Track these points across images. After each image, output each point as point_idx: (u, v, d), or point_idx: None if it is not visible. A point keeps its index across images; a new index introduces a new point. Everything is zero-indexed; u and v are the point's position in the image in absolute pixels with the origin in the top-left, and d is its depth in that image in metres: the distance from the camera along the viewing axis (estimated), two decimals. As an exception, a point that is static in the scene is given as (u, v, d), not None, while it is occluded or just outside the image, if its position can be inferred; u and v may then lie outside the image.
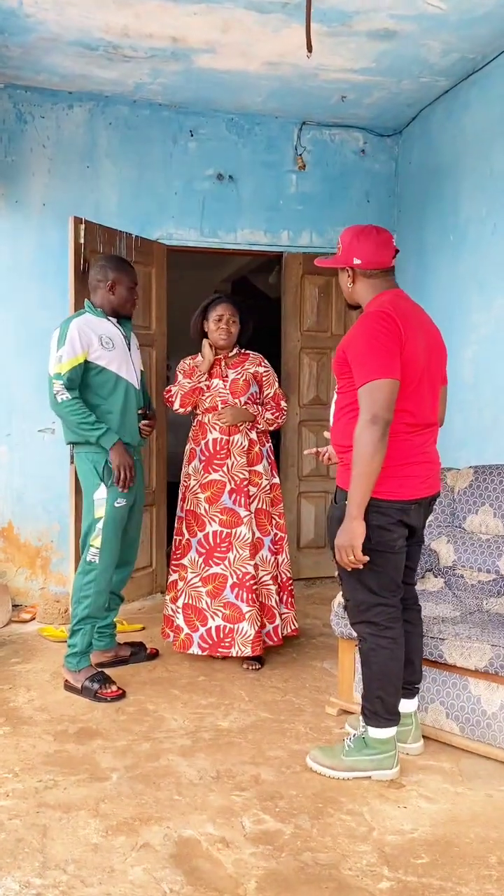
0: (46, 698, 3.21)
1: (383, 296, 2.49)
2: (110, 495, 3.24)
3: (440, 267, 4.51)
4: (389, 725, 2.54)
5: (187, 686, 3.34)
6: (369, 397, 2.33)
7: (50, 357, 3.23)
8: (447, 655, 2.71)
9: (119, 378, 3.30)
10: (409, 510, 2.48)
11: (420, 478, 2.49)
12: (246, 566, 3.49)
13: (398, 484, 2.44)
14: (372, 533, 2.43)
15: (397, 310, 2.42)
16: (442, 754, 2.72)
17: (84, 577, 3.23)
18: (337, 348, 2.53)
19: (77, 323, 3.22)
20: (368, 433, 2.30)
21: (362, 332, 2.39)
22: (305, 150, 4.92)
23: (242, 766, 2.63)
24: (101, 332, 3.27)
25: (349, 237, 2.53)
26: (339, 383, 2.56)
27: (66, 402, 3.15)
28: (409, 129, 4.94)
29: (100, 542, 3.23)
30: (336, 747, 2.61)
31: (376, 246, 2.50)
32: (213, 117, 4.75)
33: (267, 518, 3.61)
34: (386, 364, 2.33)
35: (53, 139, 4.49)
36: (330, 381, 5.06)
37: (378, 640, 2.51)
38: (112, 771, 2.59)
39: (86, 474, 3.29)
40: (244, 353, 3.73)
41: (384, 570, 2.48)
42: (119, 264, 3.38)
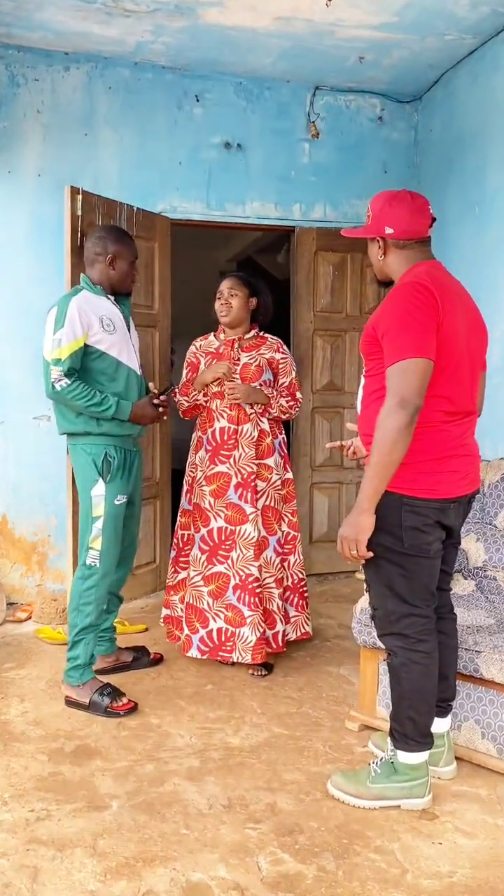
0: (41, 710, 2.94)
1: (418, 267, 2.20)
2: (109, 491, 2.95)
3: (464, 241, 4.19)
4: (421, 749, 2.27)
5: (194, 696, 3.08)
6: (399, 378, 2.04)
7: (46, 340, 2.92)
8: (483, 670, 2.43)
9: (120, 364, 3.00)
10: (447, 510, 2.20)
11: (459, 473, 2.21)
12: (249, 567, 3.21)
13: (435, 480, 2.16)
14: (405, 535, 2.15)
15: (434, 281, 2.13)
16: (477, 778, 2.46)
17: (84, 583, 2.95)
18: (366, 325, 2.24)
19: (77, 301, 2.91)
20: (394, 418, 2.02)
21: (394, 306, 2.11)
22: (319, 117, 4.59)
23: (256, 793, 2.37)
24: (102, 313, 2.97)
25: (380, 204, 2.24)
26: (368, 365, 2.27)
27: (66, 387, 2.85)
28: (430, 93, 4.61)
29: (100, 544, 2.94)
30: (360, 772, 2.35)
31: (410, 213, 2.20)
32: (220, 81, 4.42)
33: (275, 516, 3.32)
34: (419, 341, 2.05)
35: (49, 104, 4.17)
36: (345, 365, 4.77)
37: (410, 654, 2.23)
38: (112, 798, 2.33)
39: (82, 468, 2.98)
40: (262, 335, 3.43)
41: (417, 576, 2.21)
42: (120, 236, 3.08)
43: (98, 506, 2.94)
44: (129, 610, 4.16)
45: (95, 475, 2.94)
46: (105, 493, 2.94)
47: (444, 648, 2.37)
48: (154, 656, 3.39)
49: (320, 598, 4.45)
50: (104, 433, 2.96)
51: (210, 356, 3.37)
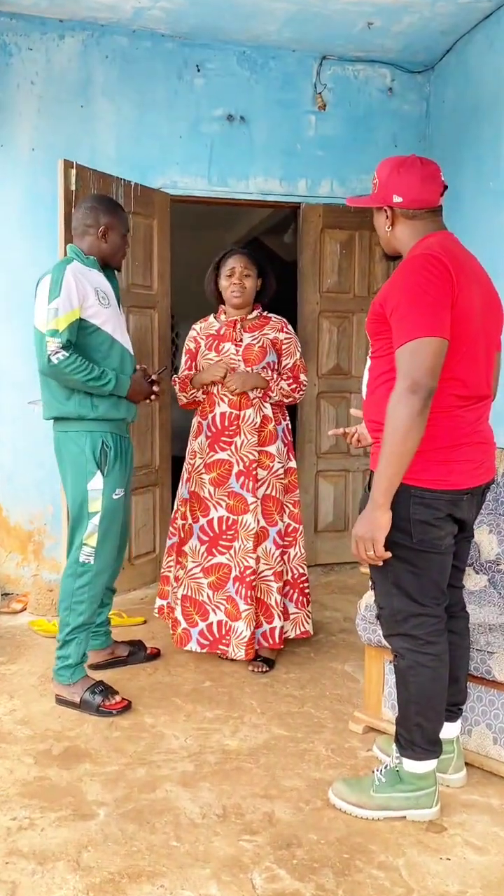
0: (30, 708, 2.81)
1: (429, 238, 2.02)
2: (108, 485, 2.75)
3: (478, 218, 3.99)
4: (429, 758, 2.12)
5: (191, 694, 2.94)
6: (410, 359, 1.87)
7: (38, 309, 2.70)
8: (496, 671, 2.28)
9: (114, 341, 2.82)
10: (459, 502, 2.03)
11: (474, 462, 2.04)
12: (248, 559, 3.06)
13: (447, 470, 2.00)
14: (414, 529, 1.99)
15: (448, 253, 1.95)
16: (489, 786, 2.31)
17: (76, 581, 2.77)
18: (373, 302, 2.07)
19: (73, 269, 2.69)
20: (406, 404, 1.85)
21: (403, 280, 1.93)
22: (326, 87, 4.39)
23: (253, 801, 2.23)
24: (97, 285, 2.77)
25: (387, 170, 2.05)
26: (374, 346, 2.10)
27: (63, 360, 2.60)
28: (442, 63, 4.40)
29: (95, 541, 2.75)
30: (364, 780, 2.20)
31: (421, 180, 2.02)
32: (222, 50, 4.23)
33: (276, 506, 3.15)
34: (432, 319, 1.88)
35: (43, 75, 3.99)
36: (352, 348, 4.59)
37: (418, 656, 2.08)
38: (100, 806, 2.19)
39: (76, 459, 2.77)
40: (265, 315, 3.25)
41: (427, 573, 2.05)
42: (112, 206, 2.89)
43: (95, 500, 2.74)
44: (127, 601, 4.02)
45: (92, 467, 2.74)
46: (103, 488, 2.74)
47: (455, 649, 2.21)
48: (151, 651, 3.25)
49: (325, 590, 4.30)
50: (99, 417, 2.75)
51: (211, 338, 3.20)
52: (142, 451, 4.12)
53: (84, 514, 2.75)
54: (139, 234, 4.00)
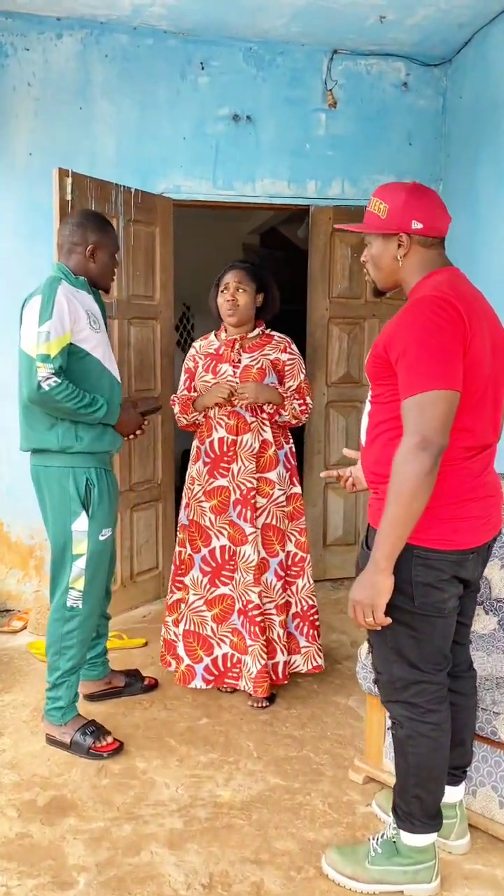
0: (20, 748, 2.72)
1: (437, 275, 1.85)
2: (93, 527, 2.60)
3: (497, 220, 3.78)
4: (429, 831, 1.99)
5: (186, 733, 2.82)
6: (420, 414, 1.71)
7: (27, 332, 2.53)
8: (502, 734, 2.13)
9: (104, 368, 2.67)
10: (465, 562, 1.88)
11: (481, 518, 1.88)
12: (249, 593, 2.92)
13: (452, 529, 1.84)
14: (416, 592, 1.84)
15: (459, 295, 1.79)
16: (493, 854, 2.17)
17: (64, 626, 2.64)
18: (374, 344, 1.90)
19: (64, 290, 2.52)
20: (414, 463, 1.69)
21: (413, 325, 1.76)
22: (336, 83, 4.18)
23: (242, 867, 2.11)
24: (87, 308, 2.62)
25: (402, 195, 1.86)
26: (376, 391, 1.93)
27: (55, 387, 2.44)
28: (460, 56, 4.17)
29: (83, 584, 2.61)
30: (359, 849, 2.07)
31: (437, 205, 1.89)
32: (227, 46, 4.03)
33: (277, 536, 3.00)
34: (444, 369, 1.71)
35: (40, 76, 3.83)
36: (363, 355, 4.41)
37: (418, 725, 1.94)
38: (81, 871, 2.09)
39: (58, 498, 2.60)
40: (268, 333, 3.07)
41: (429, 638, 1.90)
42: (101, 224, 2.72)
43: (80, 542, 2.59)
44: (129, 619, 3.93)
45: (77, 507, 2.58)
46: (88, 529, 2.59)
47: (461, 710, 2.08)
48: (148, 681, 3.14)
49: (334, 608, 4.16)
50: (84, 451, 2.59)
51: (209, 358, 3.05)
52: (144, 465, 4.00)
53: (67, 556, 2.61)
54: (140, 242, 3.85)
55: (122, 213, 3.70)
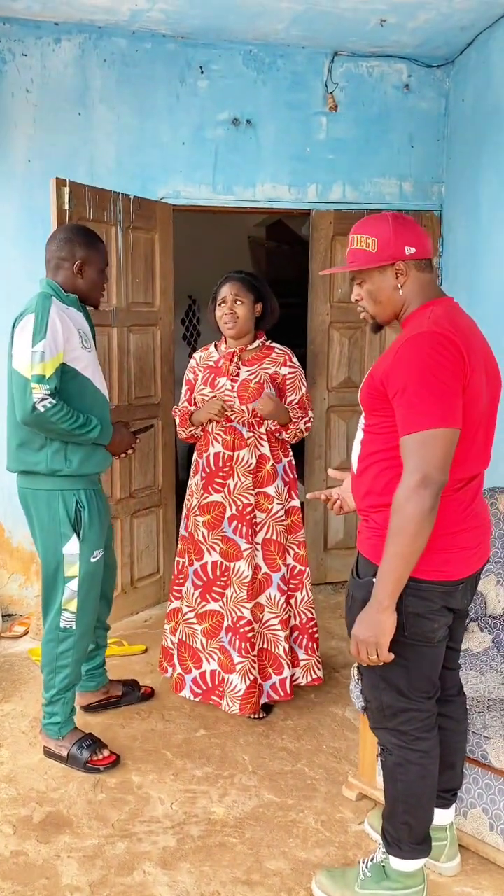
0: (17, 761, 2.75)
1: (434, 307, 1.84)
2: (84, 549, 2.59)
3: (499, 225, 3.75)
4: (418, 856, 2.00)
5: (182, 746, 2.85)
6: (420, 452, 1.71)
7: (20, 351, 2.49)
8: (493, 758, 2.14)
9: (96, 388, 2.66)
10: (455, 592, 1.88)
11: (471, 549, 1.89)
12: (241, 609, 2.92)
13: (443, 560, 1.84)
14: (406, 622, 1.85)
15: (458, 331, 1.78)
16: (483, 876, 2.19)
17: (58, 646, 2.64)
18: (370, 374, 1.89)
19: (57, 309, 2.50)
20: (416, 501, 1.69)
21: (414, 361, 1.74)
22: (337, 86, 4.15)
23: (234, 888, 2.14)
24: (79, 326, 2.60)
25: (388, 226, 1.86)
26: (371, 420, 1.92)
27: (50, 408, 2.43)
28: (462, 57, 4.12)
29: (75, 606, 2.62)
30: (349, 873, 2.09)
31: (420, 229, 1.90)
32: (227, 50, 4.00)
33: (278, 550, 2.99)
34: (446, 409, 1.71)
35: (38, 82, 3.81)
36: (364, 360, 4.40)
37: (406, 753, 1.95)
38: (74, 891, 2.12)
39: (48, 520, 2.59)
40: (268, 346, 3.04)
41: (418, 666, 1.91)
42: (89, 239, 2.68)
43: (72, 565, 2.59)
44: (131, 624, 3.96)
45: (67, 530, 2.57)
46: (80, 552, 2.59)
47: (451, 734, 2.09)
48: (145, 691, 3.16)
49: (333, 613, 4.17)
50: (73, 473, 2.57)
51: (208, 371, 3.04)
52: (144, 472, 4.01)
53: (59, 578, 2.61)
54: (140, 249, 3.84)
55: (120, 221, 3.69)
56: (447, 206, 4.29)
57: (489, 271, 3.82)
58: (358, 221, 1.93)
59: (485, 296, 3.83)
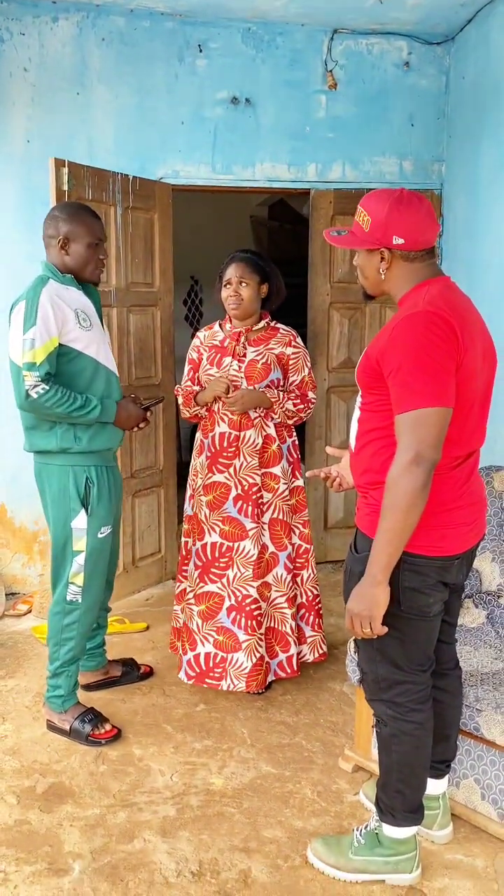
0: (21, 735, 2.81)
1: (429, 287, 1.84)
2: (92, 524, 2.65)
3: (499, 203, 3.75)
4: (410, 824, 2.06)
5: (183, 720, 2.90)
6: (413, 431, 1.74)
7: (13, 340, 2.54)
8: (484, 730, 2.19)
9: (98, 365, 2.68)
10: (450, 567, 1.92)
11: (467, 525, 1.92)
12: (247, 587, 2.96)
13: (440, 536, 1.88)
14: (402, 596, 1.89)
15: (453, 310, 1.79)
16: (475, 843, 2.24)
17: (64, 619, 2.71)
18: (366, 354, 1.91)
19: (48, 294, 2.51)
20: (409, 478, 1.72)
21: (408, 340, 1.76)
22: (337, 64, 4.13)
23: (231, 855, 2.19)
24: (76, 306, 2.61)
25: (385, 206, 1.84)
26: (367, 398, 1.94)
27: (43, 394, 2.47)
28: (463, 34, 4.09)
29: (82, 580, 2.67)
30: (343, 840, 2.15)
31: (422, 218, 1.85)
32: (226, 28, 3.98)
33: (285, 529, 3.03)
34: (439, 388, 1.74)
35: (36, 61, 3.80)
36: (364, 340, 4.41)
37: (401, 724, 1.99)
38: (76, 858, 2.18)
39: (58, 495, 2.64)
40: (273, 326, 3.05)
41: (413, 640, 1.95)
42: (74, 213, 2.65)
43: (80, 540, 2.65)
44: (132, 603, 4.01)
45: (76, 505, 2.62)
46: (87, 527, 2.64)
47: (446, 707, 2.13)
48: (144, 670, 3.21)
49: (333, 591, 4.21)
50: (84, 450, 2.63)
51: (213, 351, 3.04)
52: (145, 452, 4.04)
53: (68, 552, 2.67)
54: (139, 229, 3.85)
55: (119, 201, 3.69)
56: (447, 185, 4.28)
57: (489, 249, 3.82)
58: (372, 191, 1.92)
59: (484, 274, 3.84)
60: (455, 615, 2.16)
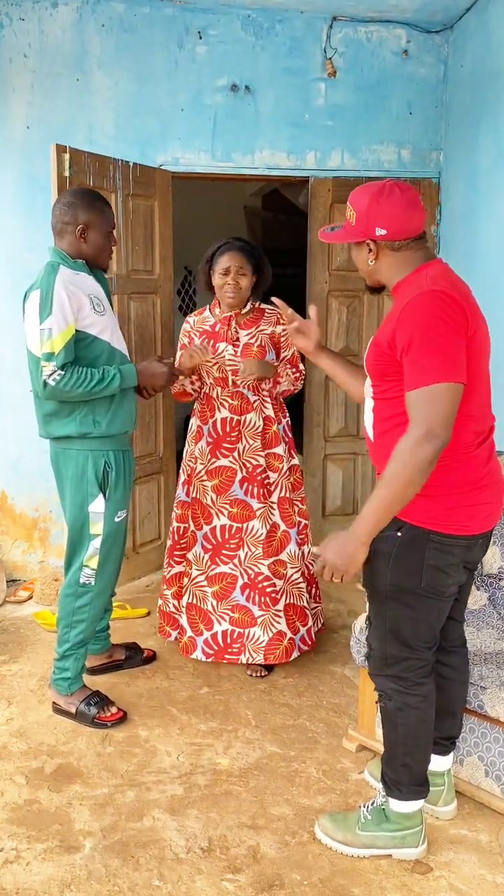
0: (27, 717, 2.83)
1: (427, 269, 1.88)
2: (110, 508, 2.67)
3: (498, 191, 3.77)
4: (416, 798, 2.09)
5: (187, 702, 2.93)
6: (426, 406, 1.76)
7: (30, 330, 2.55)
8: (489, 707, 2.22)
9: (113, 349, 2.68)
10: (474, 546, 1.97)
11: (492, 504, 1.96)
12: (259, 565, 3.02)
13: (469, 515, 1.91)
14: (425, 574, 1.92)
15: (457, 288, 1.83)
16: (479, 819, 2.28)
17: (76, 601, 2.73)
18: (375, 342, 1.94)
19: (62, 281, 2.51)
20: (418, 452, 1.74)
21: (417, 319, 1.79)
22: (336, 52, 4.13)
23: (240, 832, 2.23)
24: (89, 291, 2.61)
25: (365, 200, 1.89)
26: (382, 386, 1.96)
27: (60, 380, 2.47)
28: (462, 22, 4.10)
29: (97, 563, 2.70)
30: (350, 816, 2.18)
31: (403, 208, 1.88)
32: (225, 14, 3.98)
33: (290, 506, 3.12)
34: (450, 362, 1.76)
35: (36, 47, 3.79)
36: (362, 328, 4.44)
37: (406, 697, 2.03)
38: (87, 836, 2.21)
39: (77, 479, 2.65)
40: (259, 307, 3.11)
41: (425, 618, 1.99)
42: (92, 202, 2.67)
43: (97, 523, 2.67)
44: (133, 589, 4.03)
45: (94, 489, 2.64)
46: (105, 511, 2.66)
47: (452, 684, 2.18)
48: (147, 653, 3.24)
49: (332, 577, 4.25)
50: (103, 434, 2.64)
51: (205, 335, 3.08)
52: (145, 439, 4.06)
53: (85, 535, 2.69)
54: (139, 216, 3.85)
55: (120, 188, 3.70)
56: (445, 173, 4.30)
57: (487, 238, 3.84)
58: (359, 186, 1.97)
59: (482, 262, 3.86)
60: (467, 593, 2.19)
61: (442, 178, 4.33)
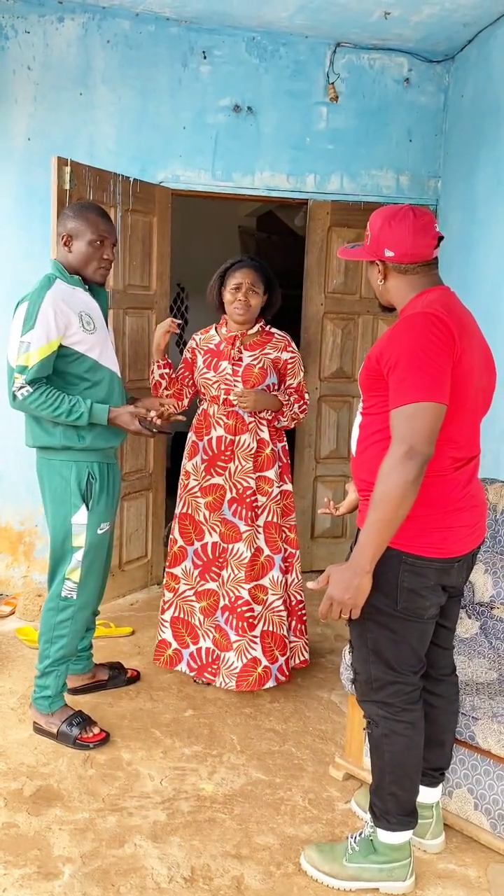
0: (7, 736, 2.76)
1: (428, 294, 1.91)
2: (92, 520, 2.63)
3: (494, 221, 3.80)
4: (404, 828, 2.05)
5: (171, 725, 2.88)
6: (407, 424, 1.76)
7: (12, 340, 2.53)
8: (480, 739, 2.19)
9: (100, 367, 2.65)
10: (450, 570, 1.94)
11: (468, 527, 1.95)
12: (239, 589, 2.97)
13: (441, 537, 1.90)
14: (400, 596, 1.91)
15: (450, 312, 1.85)
16: (467, 853, 2.24)
17: (57, 615, 2.68)
18: (368, 357, 1.95)
19: (52, 298, 2.49)
20: (401, 471, 1.74)
21: (404, 338, 1.82)
22: (339, 77, 4.16)
23: (223, 861, 2.17)
24: (81, 308, 2.58)
25: (379, 222, 1.95)
26: (368, 402, 1.98)
27: (28, 396, 2.47)
28: (463, 53, 4.15)
29: (79, 576, 2.65)
30: (337, 847, 2.14)
31: (413, 232, 1.90)
32: (230, 35, 4.00)
33: (278, 532, 3.05)
34: (433, 382, 1.77)
35: (40, 60, 3.79)
36: (356, 351, 4.44)
37: (393, 724, 2.00)
38: (65, 862, 2.14)
39: (59, 490, 2.63)
40: (268, 331, 3.07)
41: (407, 640, 1.97)
42: (79, 210, 2.63)
43: (79, 535, 2.63)
44: (117, 607, 3.97)
45: (77, 500, 2.60)
46: (87, 522, 2.62)
47: (441, 713, 2.15)
48: (131, 674, 3.18)
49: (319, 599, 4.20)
50: (87, 448, 2.61)
51: (210, 354, 3.05)
52: (135, 455, 4.02)
53: (67, 548, 2.65)
54: (137, 232, 3.84)
55: (119, 203, 3.69)
56: (443, 201, 4.33)
57: (483, 266, 3.86)
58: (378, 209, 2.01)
59: (478, 290, 3.88)
60: (454, 621, 2.17)
61: (439, 205, 4.36)
